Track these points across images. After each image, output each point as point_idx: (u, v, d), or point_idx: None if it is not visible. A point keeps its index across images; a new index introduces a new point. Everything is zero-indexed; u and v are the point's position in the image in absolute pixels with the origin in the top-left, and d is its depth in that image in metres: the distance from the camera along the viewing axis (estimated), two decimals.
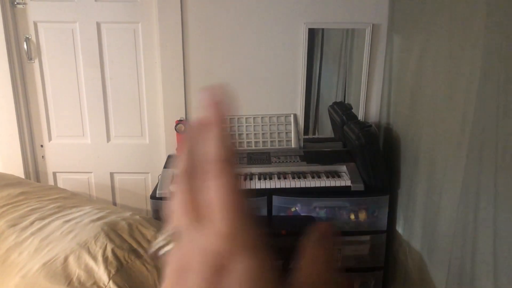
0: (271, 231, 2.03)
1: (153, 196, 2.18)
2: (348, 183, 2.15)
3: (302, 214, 2.17)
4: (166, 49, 2.42)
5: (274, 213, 2.17)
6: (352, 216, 2.18)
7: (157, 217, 2.16)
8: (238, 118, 2.53)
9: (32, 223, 1.65)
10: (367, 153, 2.14)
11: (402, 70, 2.17)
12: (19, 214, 1.73)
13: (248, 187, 2.16)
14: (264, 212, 2.18)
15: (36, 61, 2.52)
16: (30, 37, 2.48)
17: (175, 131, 2.51)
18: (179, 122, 2.50)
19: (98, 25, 2.46)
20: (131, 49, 2.49)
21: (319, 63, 2.52)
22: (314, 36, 2.45)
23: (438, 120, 1.73)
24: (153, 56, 2.49)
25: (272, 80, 2.49)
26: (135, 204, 2.73)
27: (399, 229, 2.18)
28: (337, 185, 2.16)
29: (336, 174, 2.23)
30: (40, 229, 1.60)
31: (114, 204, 2.73)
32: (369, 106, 2.52)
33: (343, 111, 2.54)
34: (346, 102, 2.58)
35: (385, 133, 2.40)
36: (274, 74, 2.49)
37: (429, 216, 1.82)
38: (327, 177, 2.20)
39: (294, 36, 2.42)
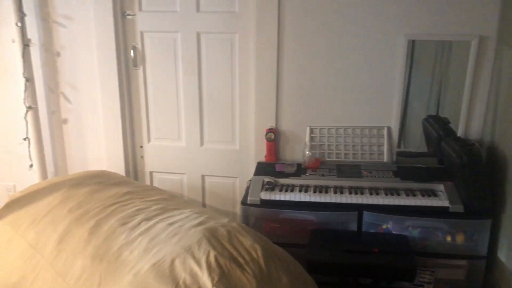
0: (361, 248, 2.00)
1: (244, 202, 2.24)
2: (446, 203, 2.05)
3: (394, 232, 2.11)
4: (261, 59, 2.48)
5: (364, 229, 2.14)
6: (449, 238, 2.07)
7: (247, 223, 2.23)
8: (328, 129, 2.52)
9: (139, 223, 1.78)
10: (469, 173, 2.02)
11: None
12: (127, 213, 1.87)
13: (337, 200, 2.15)
14: (353, 227, 2.15)
15: (141, 67, 2.70)
16: (136, 46, 2.66)
17: (265, 139, 2.56)
18: (269, 130, 2.55)
19: (198, 35, 2.58)
20: (228, 59, 2.58)
21: (409, 74, 2.43)
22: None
23: None
24: (248, 65, 2.56)
25: (365, 91, 2.45)
26: (223, 206, 2.83)
27: (502, 256, 2.04)
28: (433, 205, 2.06)
29: (432, 193, 2.13)
30: (147, 229, 1.72)
31: (204, 205, 2.85)
32: (471, 122, 2.38)
33: (439, 126, 2.42)
34: (442, 116, 2.46)
35: (488, 152, 2.26)
36: (368, 85, 2.44)
37: None
38: (423, 195, 2.11)
39: (391, 47, 2.36)
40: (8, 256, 1.85)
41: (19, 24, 2.56)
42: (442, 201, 2.07)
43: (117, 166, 2.79)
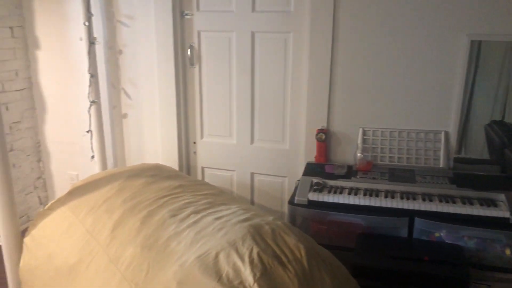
0: (411, 255, 1.93)
1: (291, 202, 2.24)
2: (507, 214, 1.93)
3: (447, 242, 2.01)
4: (314, 58, 2.46)
5: (414, 236, 2.06)
6: (508, 252, 1.95)
7: (293, 223, 2.22)
8: (382, 131, 2.45)
9: (188, 215, 1.84)
10: None
11: None
12: (178, 205, 1.94)
13: (387, 205, 2.09)
14: (404, 233, 2.08)
15: (197, 66, 2.78)
16: (193, 45, 2.74)
17: (316, 140, 2.54)
18: (320, 131, 2.53)
19: (253, 34, 2.61)
20: (281, 58, 2.59)
21: (473, 77, 2.30)
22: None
23: None
24: (301, 65, 2.56)
25: (423, 93, 2.36)
26: (271, 205, 2.84)
27: None
28: (492, 215, 1.95)
29: (491, 203, 2.01)
30: (195, 222, 1.77)
31: (252, 203, 2.88)
32: None
33: (504, 132, 2.28)
34: (507, 122, 2.31)
35: None
36: (425, 87, 2.35)
37: None
38: (481, 204, 2.00)
39: (452, 48, 2.25)
40: (68, 240, 1.98)
41: (87, 23, 2.73)
42: (502, 212, 1.94)
43: (171, 160, 2.89)
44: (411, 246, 2.03)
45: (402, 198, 2.11)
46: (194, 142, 2.93)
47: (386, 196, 2.13)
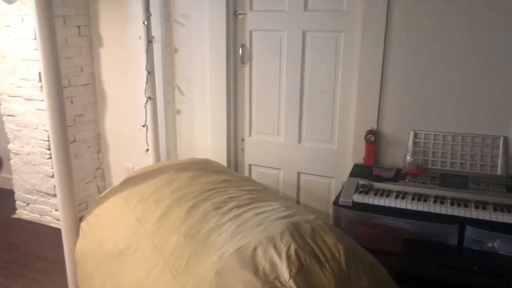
0: (460, 264, 1.84)
1: (335, 203, 2.22)
2: None
3: (501, 253, 1.90)
4: (366, 58, 2.42)
5: (465, 245, 1.96)
6: None
7: (338, 224, 2.20)
8: (434, 135, 2.36)
9: (230, 209, 1.88)
10: None
11: None
12: (221, 199, 1.99)
13: (436, 211, 2.01)
14: (453, 241, 1.99)
15: (248, 64, 2.83)
16: (245, 44, 2.79)
17: (364, 141, 2.49)
18: (369, 132, 2.48)
19: (304, 33, 2.62)
20: (331, 57, 2.57)
21: None
22: None
23: None
24: (351, 64, 2.52)
25: (481, 97, 2.24)
26: (316, 205, 2.83)
27: None
28: None
29: None
30: (236, 216, 1.81)
31: (298, 202, 2.88)
32: None
33: None
34: None
35: None
36: (483, 89, 2.23)
37: None
38: None
39: None
40: (119, 227, 2.10)
41: (146, 22, 2.86)
42: None
43: (219, 156, 2.96)
44: (461, 255, 1.94)
45: (452, 204, 2.02)
46: (242, 140, 2.98)
47: (435, 202, 2.05)
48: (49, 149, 3.08)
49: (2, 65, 3.10)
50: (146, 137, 3.09)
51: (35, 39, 2.85)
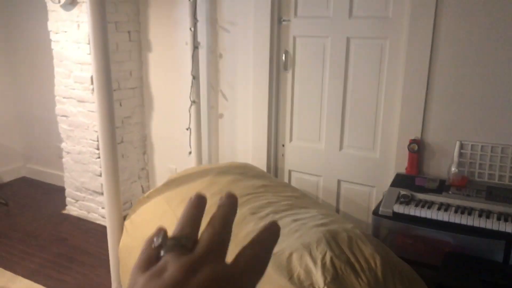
0: (505, 282, 1.76)
1: (375, 212, 2.19)
2: None
3: None
4: (411, 66, 2.37)
5: (511, 262, 1.88)
6: None
7: (377, 234, 2.16)
8: (482, 146, 2.27)
9: (267, 214, 1.90)
10: None
11: None
12: (259, 204, 2.02)
13: (481, 225, 1.93)
14: (499, 258, 1.91)
15: (290, 71, 2.84)
16: (288, 50, 2.81)
17: (408, 150, 2.44)
18: (413, 141, 2.42)
19: (348, 40, 2.60)
20: (375, 64, 2.54)
21: None
22: None
23: None
24: (396, 72, 2.48)
25: None
26: (356, 214, 2.79)
27: None
28: None
29: None
30: None
31: (337, 210, 2.86)
32: None
33: None
34: None
35: None
36: None
37: None
38: None
39: None
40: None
41: (192, 29, 2.95)
42: None
43: (260, 160, 2.99)
44: (506, 272, 1.85)
45: (499, 219, 1.93)
46: (283, 145, 3.00)
47: (480, 215, 1.97)
48: (98, 149, 3.22)
49: (59, 68, 3.29)
50: (190, 140, 3.17)
51: (89, 44, 3.01)
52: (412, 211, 2.09)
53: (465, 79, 2.27)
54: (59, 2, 3.05)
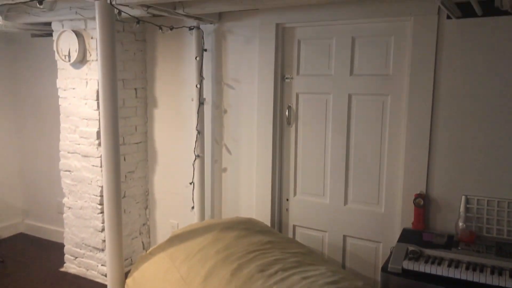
0: None
1: (384, 269, 2.14)
2: None
3: None
4: (413, 121, 2.42)
5: None
6: None
7: None
8: (488, 200, 2.27)
9: (276, 272, 1.86)
10: None
11: None
12: (266, 261, 1.97)
13: (494, 282, 1.89)
14: None
15: (293, 126, 2.89)
16: (291, 106, 2.88)
17: (414, 205, 2.43)
18: (418, 195, 2.42)
19: (350, 96, 2.67)
20: (377, 120, 2.59)
21: None
22: None
23: None
24: (398, 127, 2.53)
25: None
26: (363, 271, 2.72)
27: None
28: None
29: None
30: (282, 279, 1.78)
31: (343, 267, 2.79)
32: None
33: None
34: None
35: None
36: None
37: None
38: None
39: None
40: (164, 284, 2.11)
41: (198, 85, 3.04)
42: None
43: (264, 215, 2.96)
44: None
45: (511, 276, 1.89)
46: (287, 199, 2.99)
47: (492, 273, 1.93)
48: (100, 204, 3.21)
49: (65, 124, 3.34)
50: (193, 194, 3.16)
51: (97, 100, 3.08)
52: (422, 267, 2.04)
53: (467, 133, 2.31)
54: (69, 60, 3.15)
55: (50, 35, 3.48)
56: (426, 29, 2.34)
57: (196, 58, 3.02)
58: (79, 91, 3.21)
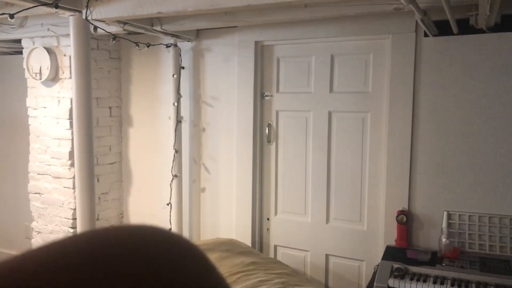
0: None
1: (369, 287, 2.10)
2: None
3: None
4: (393, 139, 2.43)
5: None
6: None
7: None
8: (469, 215, 2.28)
9: None
10: None
11: None
12: (250, 283, 1.90)
13: None
14: None
15: (274, 144, 2.86)
16: (271, 124, 2.85)
17: (396, 222, 2.41)
18: (401, 212, 2.41)
19: (330, 113, 2.67)
20: (358, 137, 2.59)
21: None
22: None
23: None
24: (379, 144, 2.53)
25: None
26: None
27: None
28: None
29: None
30: None
31: (326, 286, 2.74)
32: None
33: None
34: None
35: None
36: None
37: None
38: None
39: None
40: None
41: (176, 103, 2.97)
42: None
43: (244, 235, 2.88)
44: None
45: None
46: (268, 219, 2.92)
47: None
48: (72, 227, 3.05)
49: (35, 144, 3.19)
50: (170, 215, 3.06)
51: (69, 119, 2.96)
52: (408, 285, 2.01)
53: (447, 149, 2.33)
54: (40, 78, 3.04)
55: (20, 52, 3.36)
56: (404, 47, 2.37)
57: (173, 76, 2.97)
58: (50, 110, 3.08)
